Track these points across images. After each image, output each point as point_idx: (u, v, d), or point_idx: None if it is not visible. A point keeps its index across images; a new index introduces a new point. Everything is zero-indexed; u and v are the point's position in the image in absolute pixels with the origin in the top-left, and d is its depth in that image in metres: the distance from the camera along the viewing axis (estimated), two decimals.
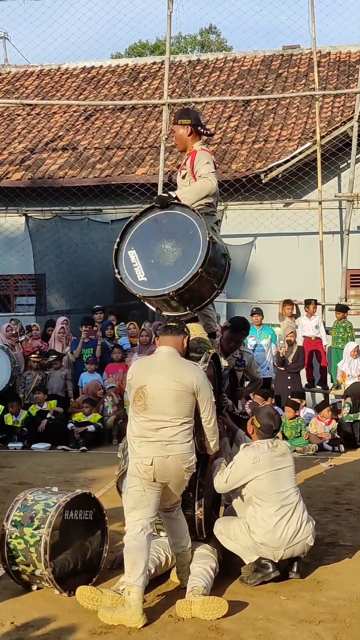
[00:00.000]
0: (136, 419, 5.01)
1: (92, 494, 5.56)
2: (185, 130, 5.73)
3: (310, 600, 5.11)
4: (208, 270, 5.32)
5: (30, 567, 5.12)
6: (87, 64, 19.65)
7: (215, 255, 5.47)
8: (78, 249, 14.82)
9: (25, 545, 5.13)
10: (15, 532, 5.18)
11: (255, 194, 14.14)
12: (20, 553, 5.14)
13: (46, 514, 5.16)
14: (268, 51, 18.83)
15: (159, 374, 5.01)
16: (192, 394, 5.00)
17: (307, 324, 12.91)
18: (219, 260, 5.57)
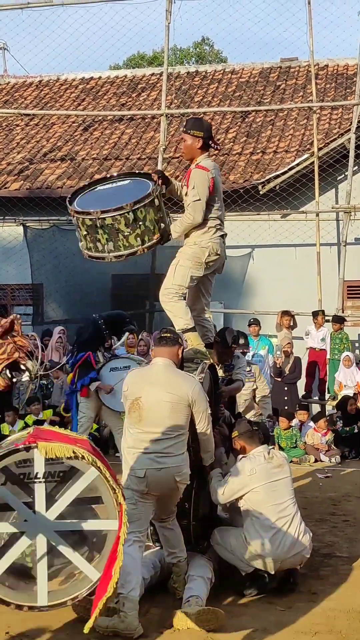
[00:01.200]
0: (131, 430, 5.00)
1: None
2: (197, 143, 5.69)
3: (307, 612, 5.10)
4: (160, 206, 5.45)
5: None
6: (85, 75, 19.72)
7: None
8: (75, 258, 14.79)
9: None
10: None
11: (252, 205, 14.18)
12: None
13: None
14: (266, 63, 18.91)
15: (154, 385, 5.00)
16: (188, 406, 5.00)
17: (315, 335, 12.94)
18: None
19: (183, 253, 5.72)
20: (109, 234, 5.43)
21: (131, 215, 5.38)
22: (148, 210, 5.45)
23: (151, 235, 5.52)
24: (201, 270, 5.71)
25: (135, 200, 5.40)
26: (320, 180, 14.04)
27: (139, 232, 5.46)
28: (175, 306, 5.65)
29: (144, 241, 5.48)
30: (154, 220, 5.51)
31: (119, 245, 5.50)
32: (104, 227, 5.39)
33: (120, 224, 5.41)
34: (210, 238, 5.70)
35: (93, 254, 5.56)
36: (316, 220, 13.99)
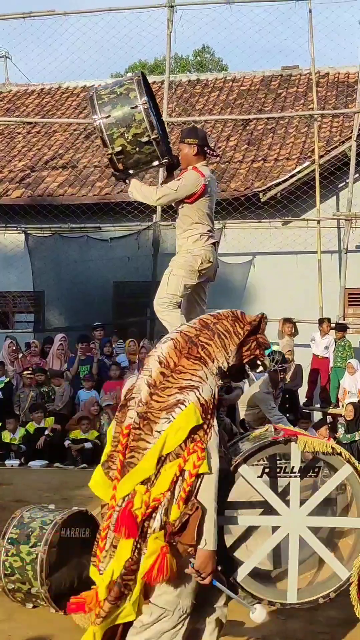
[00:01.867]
0: None
1: (89, 512, 5.54)
2: (191, 150, 5.70)
3: (308, 620, 5.09)
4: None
5: (26, 585, 5.09)
6: (87, 83, 19.76)
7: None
8: (77, 266, 14.86)
9: (21, 563, 5.10)
10: (12, 550, 5.15)
11: (254, 212, 14.19)
12: (17, 571, 5.12)
13: (43, 531, 5.14)
14: (267, 71, 18.96)
15: None
16: None
17: (320, 343, 12.93)
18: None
19: (176, 262, 5.73)
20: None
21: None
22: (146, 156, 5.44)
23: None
24: (194, 279, 5.71)
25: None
26: (322, 188, 14.06)
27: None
28: (170, 315, 5.66)
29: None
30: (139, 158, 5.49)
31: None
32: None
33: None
34: (203, 246, 5.71)
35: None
36: (317, 227, 14.00)
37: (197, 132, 5.83)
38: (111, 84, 5.57)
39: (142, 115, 5.34)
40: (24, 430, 11.41)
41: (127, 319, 14.77)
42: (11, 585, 5.16)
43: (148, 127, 5.35)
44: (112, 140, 5.39)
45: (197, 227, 5.70)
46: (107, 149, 5.43)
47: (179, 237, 5.83)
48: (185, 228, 5.73)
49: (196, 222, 5.70)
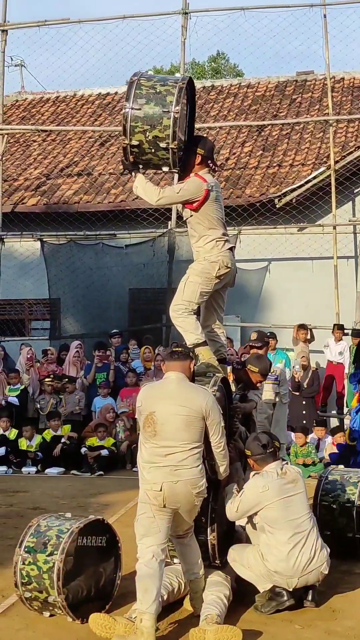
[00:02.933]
0: (146, 445, 5.00)
1: (106, 520, 5.54)
2: (196, 158, 5.74)
3: (326, 630, 5.04)
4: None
5: (43, 594, 5.09)
6: (102, 91, 19.84)
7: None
8: (92, 273, 14.88)
9: (38, 572, 5.10)
10: (29, 559, 5.15)
11: (269, 218, 14.17)
12: (33, 579, 5.12)
13: (59, 540, 5.14)
14: (282, 77, 18.94)
15: (168, 399, 5.01)
16: (202, 419, 5.00)
17: (334, 348, 12.88)
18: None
19: (193, 269, 5.74)
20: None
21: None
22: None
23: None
24: (211, 286, 5.72)
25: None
26: (337, 193, 14.01)
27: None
28: (185, 321, 5.67)
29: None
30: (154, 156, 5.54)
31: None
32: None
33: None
34: (220, 252, 5.72)
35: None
36: (333, 233, 13.95)
37: (206, 143, 5.88)
38: (157, 77, 5.62)
39: (170, 122, 5.42)
40: (40, 437, 11.44)
41: (143, 325, 14.78)
42: (28, 593, 5.16)
43: (171, 135, 5.42)
44: (132, 132, 5.47)
45: (211, 232, 5.72)
46: (124, 138, 5.48)
47: (194, 245, 5.84)
48: (199, 236, 5.74)
49: (209, 227, 5.72)
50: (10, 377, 12.18)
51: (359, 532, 6.31)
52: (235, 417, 6.09)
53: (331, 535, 5.52)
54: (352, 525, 6.31)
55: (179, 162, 5.58)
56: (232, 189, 14.79)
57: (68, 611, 5.04)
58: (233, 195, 14.60)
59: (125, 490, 8.82)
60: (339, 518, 6.35)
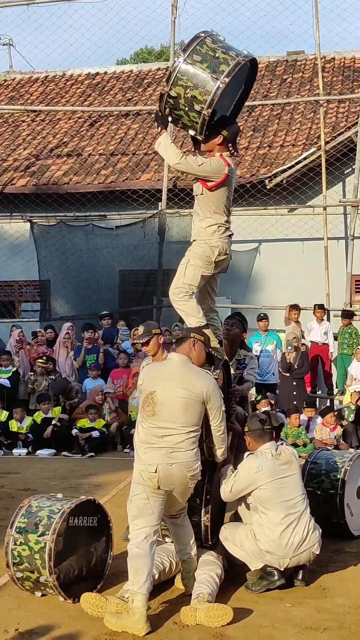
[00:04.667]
0: (144, 424, 5.01)
1: (97, 501, 5.55)
2: (218, 139, 5.68)
3: (316, 608, 5.09)
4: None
5: (35, 574, 5.11)
6: (91, 70, 19.69)
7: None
8: (83, 255, 14.84)
9: (29, 552, 5.11)
10: (20, 539, 5.16)
11: (259, 199, 14.14)
12: (25, 560, 5.13)
13: (51, 520, 5.15)
14: (272, 57, 18.85)
15: (169, 380, 5.02)
16: (202, 403, 5.01)
17: (317, 329, 12.91)
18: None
19: (193, 252, 5.70)
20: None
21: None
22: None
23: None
24: (211, 269, 5.71)
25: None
26: (328, 174, 13.99)
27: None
28: (187, 305, 5.65)
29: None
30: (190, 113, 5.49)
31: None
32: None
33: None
34: (220, 237, 5.70)
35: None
36: (323, 214, 13.94)
37: (232, 127, 5.77)
38: (223, 44, 5.53)
39: (213, 89, 5.36)
40: (31, 419, 11.44)
41: (133, 307, 14.76)
42: (20, 573, 5.18)
43: (208, 102, 5.38)
44: (175, 83, 5.44)
45: (216, 217, 5.70)
46: (166, 85, 5.46)
47: (195, 223, 5.79)
48: (203, 216, 5.70)
49: (215, 211, 5.70)
50: (2, 359, 12.15)
51: (342, 518, 6.34)
52: (233, 400, 6.11)
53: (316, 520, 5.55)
54: (336, 511, 6.34)
55: (205, 131, 5.54)
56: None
57: (60, 591, 5.06)
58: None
59: (116, 471, 8.84)
60: (323, 504, 6.38)
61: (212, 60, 5.37)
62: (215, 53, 5.40)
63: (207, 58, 5.38)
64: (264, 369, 12.39)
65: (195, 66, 5.37)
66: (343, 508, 6.33)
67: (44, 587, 5.15)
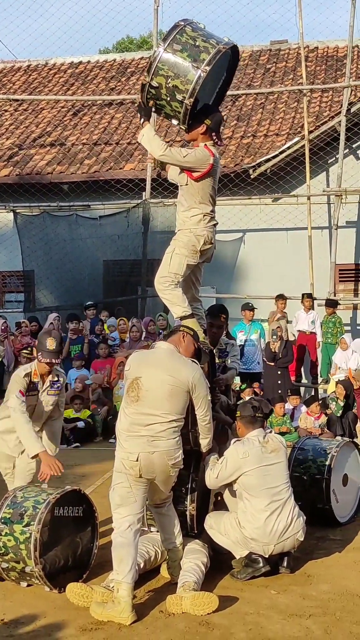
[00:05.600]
0: (127, 411, 5.01)
1: (82, 491, 5.56)
2: (201, 128, 5.66)
3: (301, 594, 5.12)
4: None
5: (20, 564, 5.10)
6: (74, 59, 19.57)
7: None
8: (66, 245, 14.78)
9: (15, 542, 5.11)
10: (5, 529, 5.16)
11: (243, 189, 14.13)
12: (10, 550, 5.13)
13: (36, 510, 5.14)
14: (256, 46, 18.81)
15: (155, 367, 5.03)
16: (187, 392, 5.02)
17: (304, 318, 12.94)
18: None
19: (178, 241, 5.69)
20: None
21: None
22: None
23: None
24: (196, 258, 5.71)
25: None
26: (311, 164, 13.99)
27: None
28: (172, 294, 5.64)
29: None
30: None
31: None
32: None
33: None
34: (205, 226, 5.70)
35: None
36: (307, 203, 13.95)
37: (215, 116, 5.75)
38: (203, 32, 5.49)
39: (194, 78, 5.34)
40: None
41: (118, 297, 14.74)
42: (5, 564, 5.18)
43: (190, 91, 5.36)
44: (156, 72, 5.41)
45: (201, 207, 5.69)
46: (147, 75, 5.44)
47: (180, 213, 5.78)
48: (189, 206, 5.69)
49: (200, 202, 5.69)
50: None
51: (328, 504, 6.38)
52: (217, 389, 6.12)
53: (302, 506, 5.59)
54: (322, 496, 6.38)
55: (188, 121, 5.52)
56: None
57: (45, 581, 5.06)
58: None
59: (101, 462, 8.83)
60: (310, 489, 6.42)
61: (193, 48, 5.34)
62: (196, 41, 5.37)
63: (187, 47, 5.34)
64: (248, 358, 12.43)
65: (175, 55, 5.34)
66: (329, 493, 6.38)
67: (30, 578, 5.15)
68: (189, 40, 5.37)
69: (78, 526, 5.37)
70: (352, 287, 14.64)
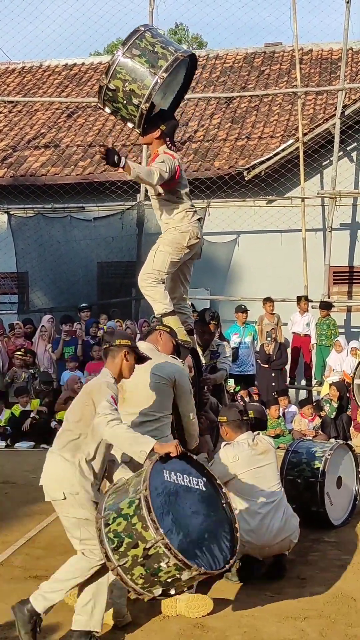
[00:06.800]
0: None
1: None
2: (156, 132, 5.71)
3: (296, 597, 5.12)
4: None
5: (141, 545, 3.94)
6: (69, 61, 19.56)
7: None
8: (61, 246, 14.76)
9: (125, 521, 4.03)
10: (112, 514, 4.12)
11: (238, 191, 14.14)
12: (123, 535, 4.01)
13: (140, 476, 4.13)
14: (250, 48, 18.82)
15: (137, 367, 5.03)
16: (171, 387, 5.04)
17: (299, 321, 12.96)
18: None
19: (163, 239, 5.75)
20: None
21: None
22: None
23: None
24: (181, 255, 5.74)
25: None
26: (306, 166, 14.01)
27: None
28: (154, 290, 5.68)
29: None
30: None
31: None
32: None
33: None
34: (190, 222, 5.74)
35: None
36: (301, 206, 13.97)
37: (171, 122, 5.85)
38: (162, 38, 5.59)
39: (151, 84, 5.41)
40: (9, 412, 11.39)
41: (112, 299, 14.73)
42: (124, 559, 3.98)
43: (146, 96, 5.43)
44: (114, 76, 5.46)
45: (179, 205, 5.72)
46: (104, 78, 5.48)
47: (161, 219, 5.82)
48: (168, 209, 5.72)
49: (176, 201, 5.72)
50: None
51: (322, 507, 6.38)
52: (206, 388, 6.12)
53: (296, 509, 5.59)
54: (316, 499, 6.38)
55: (143, 125, 5.56)
56: (200, 161, 14.72)
57: (176, 553, 3.89)
58: (202, 168, 14.54)
59: None
60: (304, 492, 6.41)
61: (151, 54, 5.43)
62: (155, 47, 5.47)
63: (146, 52, 5.44)
64: (242, 361, 12.43)
65: (134, 60, 5.43)
66: (323, 496, 6.38)
67: (159, 560, 3.93)
68: (148, 46, 5.47)
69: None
70: (346, 289, 14.66)
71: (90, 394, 4.45)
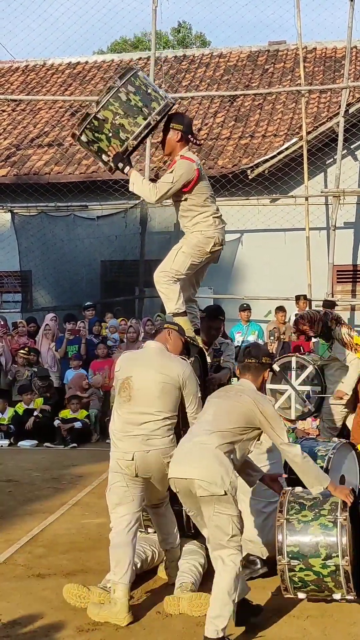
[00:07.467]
0: (119, 411, 5.00)
1: None
2: (176, 135, 5.69)
3: None
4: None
5: (325, 593, 4.70)
6: (72, 60, 19.56)
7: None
8: (64, 245, 14.78)
9: (316, 577, 4.64)
10: (299, 565, 4.66)
11: (241, 190, 14.13)
12: (311, 584, 4.68)
13: (330, 539, 4.61)
14: (254, 47, 18.81)
15: (145, 366, 5.03)
16: (178, 388, 5.01)
17: None
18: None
19: (188, 240, 5.72)
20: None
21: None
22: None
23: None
24: (201, 259, 5.75)
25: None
26: (309, 165, 13.99)
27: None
28: (169, 289, 5.66)
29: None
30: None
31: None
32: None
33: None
34: (216, 228, 5.73)
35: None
36: (305, 204, 13.95)
37: (183, 118, 5.87)
38: (150, 83, 5.75)
39: (143, 123, 5.50)
40: (12, 410, 11.40)
41: (115, 297, 14.73)
42: (302, 594, 4.76)
43: (136, 134, 5.50)
44: (105, 107, 5.47)
45: (206, 210, 5.72)
46: (95, 106, 5.49)
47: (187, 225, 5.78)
48: (194, 214, 5.70)
49: (202, 205, 5.70)
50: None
51: None
52: (211, 388, 6.10)
53: None
54: None
55: (123, 161, 5.58)
56: (204, 160, 14.70)
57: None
58: (205, 167, 14.51)
59: (98, 462, 8.81)
60: None
61: (145, 95, 5.52)
62: (147, 89, 5.58)
63: (140, 92, 5.51)
64: None
65: (129, 96, 5.47)
66: None
67: (331, 593, 4.67)
68: (142, 86, 5.56)
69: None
70: (349, 288, 14.64)
71: (257, 405, 4.67)
